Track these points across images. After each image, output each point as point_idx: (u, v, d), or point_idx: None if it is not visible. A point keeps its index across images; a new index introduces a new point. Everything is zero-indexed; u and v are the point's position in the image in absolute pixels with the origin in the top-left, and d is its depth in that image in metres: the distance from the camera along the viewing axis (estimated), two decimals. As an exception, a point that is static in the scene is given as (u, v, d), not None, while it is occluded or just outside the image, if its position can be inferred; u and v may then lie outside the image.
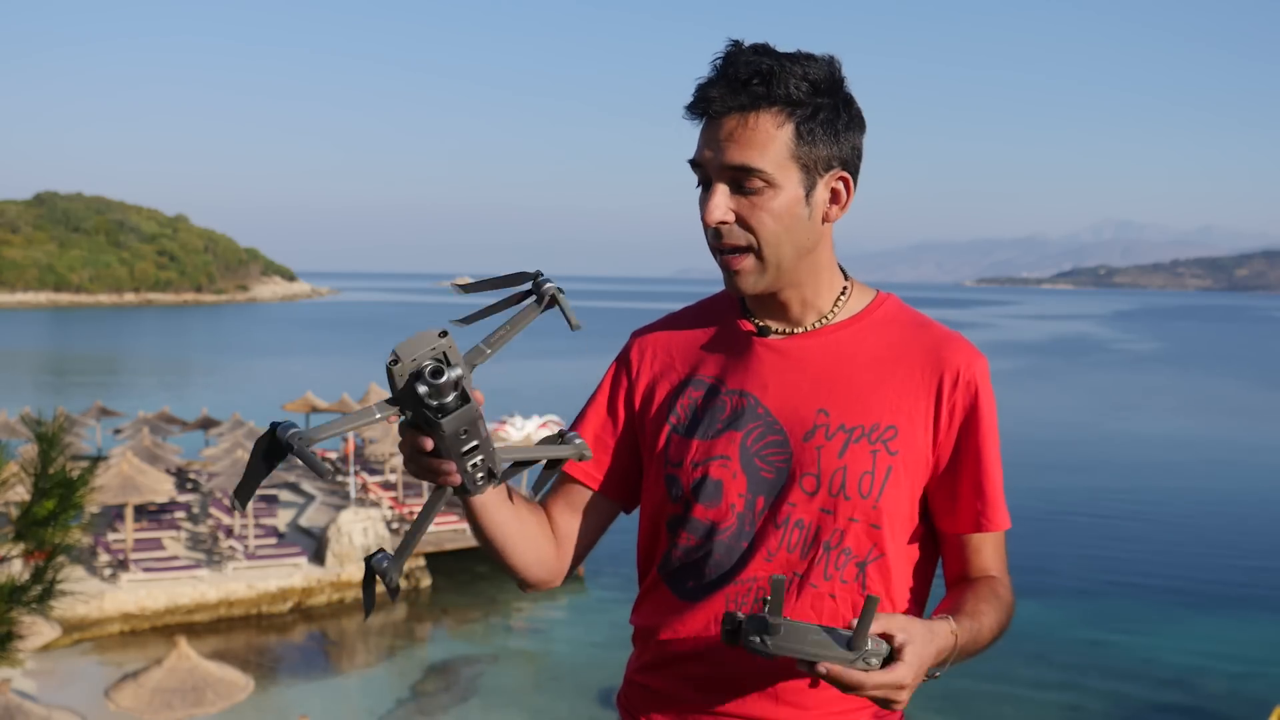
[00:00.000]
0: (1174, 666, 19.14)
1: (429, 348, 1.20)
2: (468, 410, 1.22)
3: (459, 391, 1.21)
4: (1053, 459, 36.92)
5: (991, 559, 1.56)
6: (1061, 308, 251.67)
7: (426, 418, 1.21)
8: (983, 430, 1.52)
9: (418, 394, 1.19)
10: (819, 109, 1.46)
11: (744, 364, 1.58)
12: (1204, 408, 55.86)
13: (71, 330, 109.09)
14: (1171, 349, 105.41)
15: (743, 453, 1.55)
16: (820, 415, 1.52)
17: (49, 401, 41.90)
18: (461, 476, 1.28)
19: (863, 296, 1.59)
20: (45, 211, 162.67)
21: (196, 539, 24.88)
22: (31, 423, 2.96)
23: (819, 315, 1.56)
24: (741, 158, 1.44)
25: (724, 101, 1.44)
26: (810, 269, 1.53)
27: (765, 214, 1.46)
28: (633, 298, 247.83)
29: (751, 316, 1.60)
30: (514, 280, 1.36)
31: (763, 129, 1.44)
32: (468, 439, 1.25)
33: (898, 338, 1.54)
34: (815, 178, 1.48)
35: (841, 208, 1.52)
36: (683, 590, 1.59)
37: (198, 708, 12.92)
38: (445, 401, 1.21)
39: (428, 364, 1.19)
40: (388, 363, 1.20)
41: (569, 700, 17.91)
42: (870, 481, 1.49)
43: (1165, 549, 27.09)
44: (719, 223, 1.47)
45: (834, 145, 1.48)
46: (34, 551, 2.93)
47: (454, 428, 1.22)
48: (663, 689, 1.60)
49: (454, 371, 1.20)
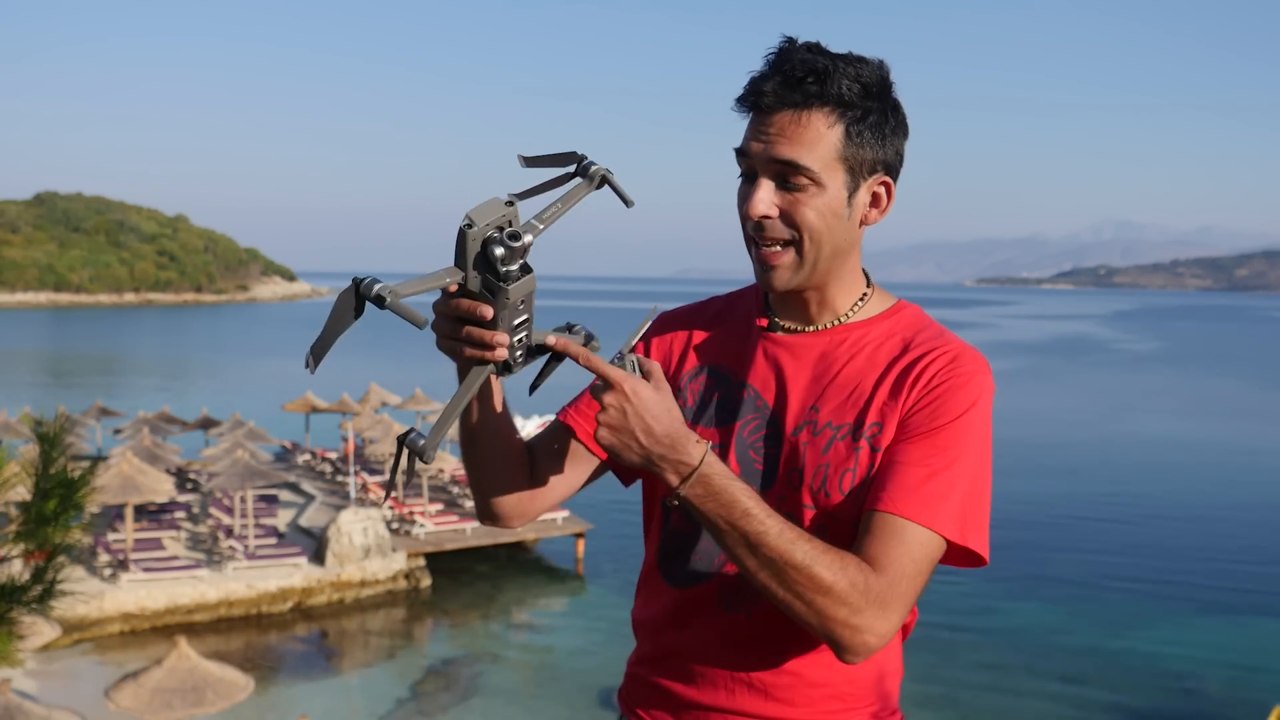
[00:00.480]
0: (1174, 666, 19.13)
1: (499, 214, 1.21)
2: (531, 279, 1.23)
3: (524, 260, 1.22)
4: (1052, 459, 36.94)
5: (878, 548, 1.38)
6: (1061, 308, 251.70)
7: (494, 283, 1.22)
8: (930, 424, 1.44)
9: (493, 257, 1.20)
10: (869, 112, 1.46)
11: (751, 357, 1.60)
12: (1204, 408, 55.86)
13: (71, 330, 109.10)
14: (1171, 349, 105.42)
15: (738, 443, 1.56)
16: (811, 412, 1.52)
17: (49, 401, 41.90)
18: (508, 350, 1.28)
19: (881, 303, 1.59)
20: (45, 211, 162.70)
21: (196, 539, 24.88)
22: (32, 423, 2.96)
23: (834, 316, 1.57)
24: (790, 154, 1.44)
25: (777, 96, 1.45)
26: (838, 271, 1.54)
27: (810, 210, 1.46)
28: (633, 298, 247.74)
29: (769, 312, 1.62)
30: (566, 159, 1.36)
31: (814, 127, 1.44)
32: (524, 310, 1.26)
33: (901, 343, 1.53)
34: (859, 180, 1.48)
35: (881, 212, 1.53)
36: (674, 577, 1.60)
37: (198, 708, 12.91)
38: (513, 268, 1.22)
39: (507, 227, 1.20)
40: (461, 225, 1.20)
41: (569, 700, 17.91)
42: (851, 479, 1.47)
43: (1165, 549, 27.09)
44: (762, 216, 1.47)
45: (880, 149, 1.48)
46: (34, 551, 2.93)
47: (518, 295, 1.23)
48: (656, 681, 1.61)
49: (528, 237, 1.21)
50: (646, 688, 1.63)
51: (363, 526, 23.35)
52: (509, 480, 1.60)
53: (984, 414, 1.47)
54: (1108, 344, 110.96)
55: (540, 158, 1.36)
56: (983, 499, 1.46)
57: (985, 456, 1.47)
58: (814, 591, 1.33)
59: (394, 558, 23.68)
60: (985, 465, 1.46)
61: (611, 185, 1.36)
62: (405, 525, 25.64)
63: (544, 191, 1.36)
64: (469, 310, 1.28)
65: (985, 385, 1.48)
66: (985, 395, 1.48)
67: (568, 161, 1.36)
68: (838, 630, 1.34)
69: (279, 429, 33.69)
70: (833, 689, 1.52)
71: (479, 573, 24.79)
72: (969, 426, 1.45)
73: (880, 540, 1.38)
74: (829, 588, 1.33)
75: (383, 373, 44.45)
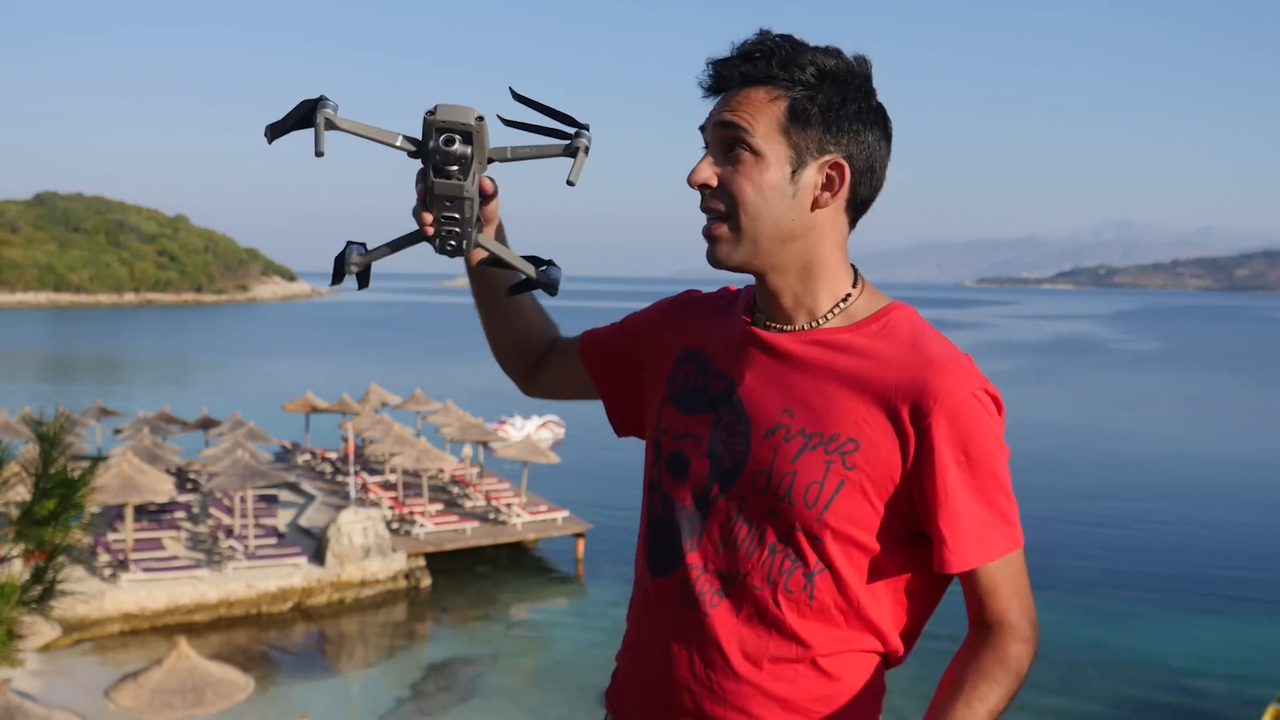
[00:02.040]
0: (1174, 666, 19.15)
1: (462, 120, 1.33)
2: (456, 185, 1.36)
3: (461, 167, 1.35)
4: (1052, 459, 36.93)
5: (999, 600, 1.46)
6: (1061, 308, 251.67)
7: (425, 170, 1.37)
8: (940, 464, 1.41)
9: (428, 148, 1.34)
10: (820, 92, 1.45)
11: (733, 350, 1.58)
12: (1204, 408, 55.87)
13: (71, 330, 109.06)
14: (1172, 349, 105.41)
15: (712, 436, 1.54)
16: (785, 415, 1.48)
17: (49, 401, 41.76)
18: (434, 230, 1.41)
19: (869, 304, 1.53)
20: (45, 211, 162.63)
21: (196, 539, 24.88)
22: (32, 423, 2.96)
23: (810, 316, 1.52)
24: (731, 118, 1.45)
25: (726, 69, 1.47)
26: (799, 259, 1.49)
27: (746, 181, 1.45)
28: (634, 298, 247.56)
29: (754, 308, 1.60)
30: (564, 117, 1.43)
31: (756, 99, 1.45)
32: (451, 209, 1.39)
33: (887, 353, 1.47)
34: (805, 158, 1.46)
35: (834, 195, 1.48)
36: (649, 565, 1.60)
37: (198, 708, 12.91)
38: (447, 167, 1.35)
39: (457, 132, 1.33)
40: (426, 112, 1.34)
41: (569, 700, 17.91)
42: (818, 491, 1.44)
43: (1165, 549, 27.10)
44: (701, 184, 1.48)
45: (834, 134, 1.46)
46: (34, 551, 2.93)
47: (441, 192, 1.37)
48: (629, 673, 1.62)
49: (465, 148, 1.34)
50: (623, 681, 1.63)
51: (363, 526, 23.35)
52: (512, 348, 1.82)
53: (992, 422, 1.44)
54: (1108, 344, 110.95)
55: (534, 102, 1.43)
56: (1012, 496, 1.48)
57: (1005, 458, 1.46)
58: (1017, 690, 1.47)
59: (394, 558, 23.68)
60: (1006, 466, 1.47)
61: (574, 157, 1.41)
62: (405, 525, 25.64)
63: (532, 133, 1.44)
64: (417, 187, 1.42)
65: (982, 393, 1.43)
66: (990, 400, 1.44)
67: (561, 120, 1.42)
68: None
69: (279, 429, 33.69)
70: (795, 705, 1.48)
71: (479, 573, 24.79)
72: (977, 451, 1.42)
73: (998, 595, 1.46)
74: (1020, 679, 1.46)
75: (383, 373, 44.50)
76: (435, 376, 50.13)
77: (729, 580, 1.50)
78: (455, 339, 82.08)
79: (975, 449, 1.42)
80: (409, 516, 25.94)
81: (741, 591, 1.48)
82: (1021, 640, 1.45)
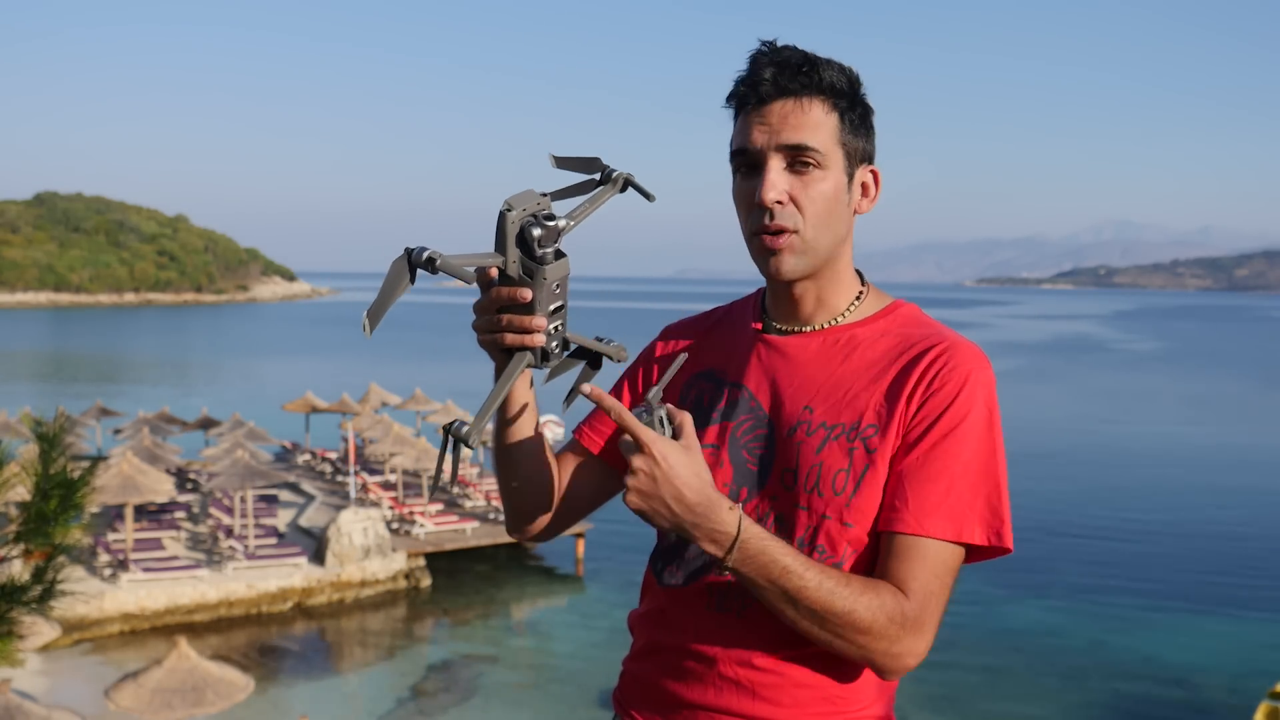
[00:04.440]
0: (1174, 666, 19.16)
1: (535, 201, 1.30)
2: (565, 263, 1.31)
3: (558, 246, 1.31)
4: (1052, 459, 36.93)
5: (905, 571, 1.41)
6: (1061, 308, 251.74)
7: (531, 265, 1.30)
8: (937, 432, 1.45)
9: (530, 238, 1.28)
10: (855, 103, 1.52)
11: (746, 360, 1.61)
12: (1204, 408, 55.88)
13: (71, 330, 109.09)
14: (1171, 349, 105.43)
15: (731, 444, 1.57)
16: (805, 411, 1.52)
17: (49, 401, 41.89)
18: (546, 337, 1.35)
19: (877, 302, 1.60)
20: (45, 211, 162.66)
21: (196, 539, 24.89)
22: (32, 423, 2.96)
23: (830, 316, 1.57)
24: (799, 137, 1.47)
25: (776, 85, 1.48)
26: (834, 264, 1.55)
27: (817, 194, 1.49)
28: (634, 298, 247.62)
29: (765, 315, 1.63)
30: (589, 165, 1.43)
31: (815, 112, 1.48)
32: (559, 296, 1.34)
33: (898, 342, 1.53)
34: (855, 166, 1.53)
35: (871, 201, 1.57)
36: (665, 578, 1.61)
37: (198, 708, 12.92)
38: (549, 250, 1.30)
39: (544, 210, 1.29)
40: (501, 209, 1.29)
41: (569, 700, 17.91)
42: (845, 479, 1.47)
43: (1164, 549, 27.10)
44: (775, 201, 1.48)
45: (866, 140, 1.54)
46: (34, 551, 2.93)
47: (555, 277, 1.31)
48: (647, 679, 1.62)
49: (563, 220, 1.30)
50: (638, 685, 1.63)
51: (363, 526, 23.36)
52: (538, 490, 1.64)
53: (990, 408, 1.48)
54: (1108, 344, 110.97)
55: (570, 159, 1.43)
56: (1004, 492, 1.47)
57: (998, 448, 1.48)
58: (855, 632, 1.38)
59: (394, 558, 23.68)
60: (1000, 457, 1.48)
61: (635, 186, 1.43)
62: (405, 525, 25.64)
63: (572, 195, 1.43)
64: (510, 295, 1.34)
65: (986, 379, 1.48)
66: (988, 389, 1.48)
67: (593, 168, 1.42)
68: (878, 659, 1.40)
69: (279, 429, 33.69)
70: (822, 691, 1.50)
71: (479, 573, 24.80)
72: (976, 426, 1.46)
73: (906, 562, 1.42)
74: (868, 627, 1.37)
75: (383, 373, 44.50)
76: (435, 376, 50.10)
77: None
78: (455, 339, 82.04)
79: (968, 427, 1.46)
80: (409, 516, 25.95)
81: None
82: (900, 608, 1.39)
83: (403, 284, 1.26)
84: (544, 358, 1.39)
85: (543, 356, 1.38)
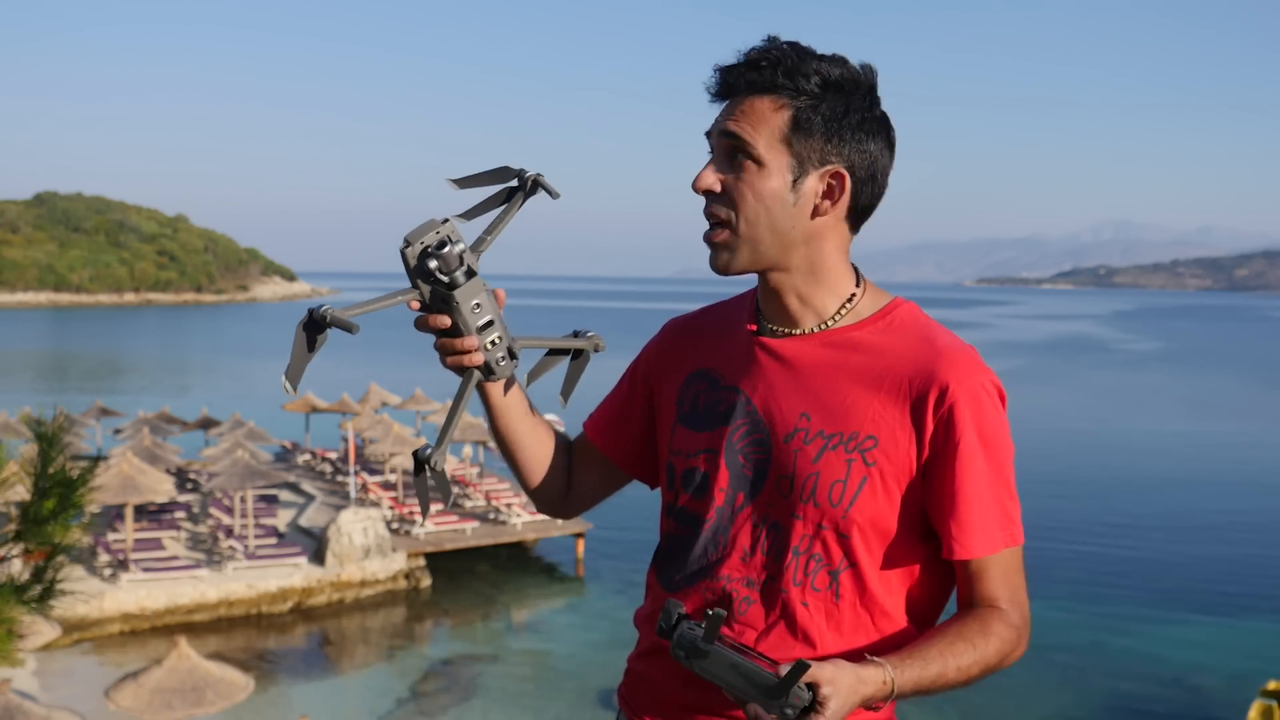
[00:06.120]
0: (1174, 665, 19.16)
1: (433, 231, 1.35)
2: (475, 282, 1.36)
3: (465, 267, 1.35)
4: (1051, 459, 36.90)
5: (989, 586, 1.50)
6: (1061, 308, 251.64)
7: (440, 293, 1.36)
8: (960, 452, 1.46)
9: (429, 269, 1.33)
10: (823, 102, 1.48)
11: (742, 361, 1.60)
12: (1204, 408, 55.87)
13: (71, 330, 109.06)
14: (1171, 349, 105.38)
15: (728, 448, 1.57)
16: (802, 419, 1.52)
17: (49, 401, 41.74)
18: (484, 354, 1.40)
19: (873, 302, 1.57)
20: (45, 211, 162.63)
21: (196, 539, 24.89)
22: (31, 423, 2.96)
23: (819, 318, 1.55)
24: (734, 128, 1.48)
25: (732, 77, 1.50)
26: (804, 264, 1.52)
27: (747, 189, 1.48)
28: (634, 298, 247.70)
29: (759, 316, 1.62)
30: (499, 175, 1.45)
31: (760, 108, 1.48)
32: (481, 313, 1.38)
33: (897, 348, 1.51)
34: (807, 168, 1.49)
35: (835, 204, 1.51)
36: (667, 581, 1.62)
37: (198, 708, 12.91)
38: (455, 275, 1.34)
39: (434, 240, 1.34)
40: (400, 248, 1.34)
41: (569, 700, 17.91)
42: (841, 490, 1.48)
43: (1164, 549, 27.10)
44: (704, 189, 1.51)
45: (834, 142, 1.49)
46: (34, 551, 2.93)
47: (466, 298, 1.35)
48: (650, 677, 1.62)
49: (457, 246, 1.34)
50: (642, 684, 1.64)
51: (363, 526, 23.35)
52: (547, 480, 1.72)
53: (998, 412, 1.50)
54: (1108, 344, 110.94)
55: (471, 177, 1.46)
56: (1015, 490, 1.53)
57: (1010, 450, 1.52)
58: (998, 668, 1.50)
59: (394, 558, 23.68)
60: (1011, 457, 1.53)
61: (542, 185, 1.46)
62: (405, 525, 25.64)
63: (488, 210, 1.46)
64: (431, 324, 1.41)
65: (990, 385, 1.50)
66: (992, 395, 1.50)
67: (502, 178, 1.46)
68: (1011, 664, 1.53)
69: (279, 429, 33.68)
70: None
71: (479, 573, 24.79)
72: (995, 435, 1.49)
73: (988, 582, 1.50)
74: (1002, 659, 1.49)
75: (383, 373, 44.44)
76: (435, 376, 49.95)
77: (757, 585, 1.53)
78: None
79: (987, 440, 1.48)
80: (409, 516, 25.95)
81: (770, 594, 1.52)
82: (1009, 624, 1.49)
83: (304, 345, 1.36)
84: (489, 372, 1.43)
85: (487, 371, 1.43)
